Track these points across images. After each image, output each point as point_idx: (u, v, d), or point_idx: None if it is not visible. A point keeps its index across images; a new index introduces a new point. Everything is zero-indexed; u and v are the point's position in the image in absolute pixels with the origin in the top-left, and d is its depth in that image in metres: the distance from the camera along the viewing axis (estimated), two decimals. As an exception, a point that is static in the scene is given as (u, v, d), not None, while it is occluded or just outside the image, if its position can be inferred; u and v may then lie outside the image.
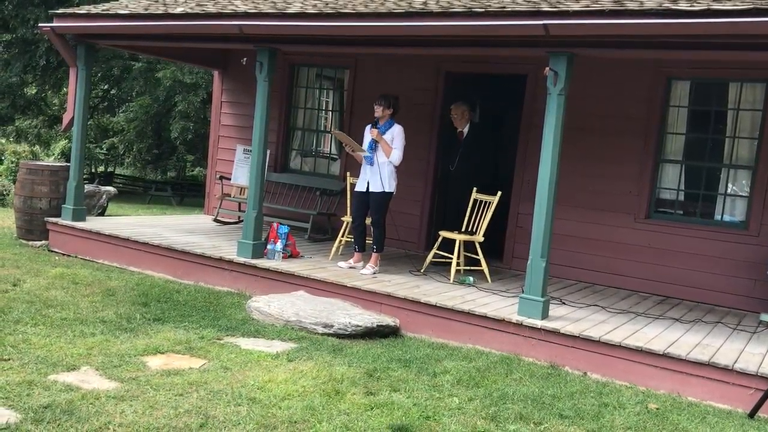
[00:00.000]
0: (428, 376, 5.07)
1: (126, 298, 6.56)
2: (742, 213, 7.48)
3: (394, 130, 7.23)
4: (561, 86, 5.82)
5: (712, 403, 5.08)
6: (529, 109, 8.38)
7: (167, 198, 18.48)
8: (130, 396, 4.18)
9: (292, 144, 10.45)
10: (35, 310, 5.83)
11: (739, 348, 5.58)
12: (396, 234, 8.35)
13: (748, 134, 7.44)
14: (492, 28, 5.94)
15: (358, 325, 5.99)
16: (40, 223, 8.82)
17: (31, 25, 15.09)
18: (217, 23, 7.30)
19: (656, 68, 7.61)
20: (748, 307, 7.19)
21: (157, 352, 5.07)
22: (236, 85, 10.61)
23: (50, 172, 8.94)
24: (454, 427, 4.14)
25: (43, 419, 3.73)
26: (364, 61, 9.47)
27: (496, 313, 5.98)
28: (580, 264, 8.09)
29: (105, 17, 8.16)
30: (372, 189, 7.26)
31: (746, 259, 7.27)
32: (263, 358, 5.12)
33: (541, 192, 5.96)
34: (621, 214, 7.89)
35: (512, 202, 8.52)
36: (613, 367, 5.48)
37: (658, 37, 5.51)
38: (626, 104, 7.83)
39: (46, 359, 4.67)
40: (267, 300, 6.44)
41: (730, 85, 7.52)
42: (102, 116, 22.80)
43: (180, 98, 16.42)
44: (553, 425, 4.32)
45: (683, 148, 7.78)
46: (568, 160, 7.78)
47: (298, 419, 4.05)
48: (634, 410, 4.72)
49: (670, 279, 7.62)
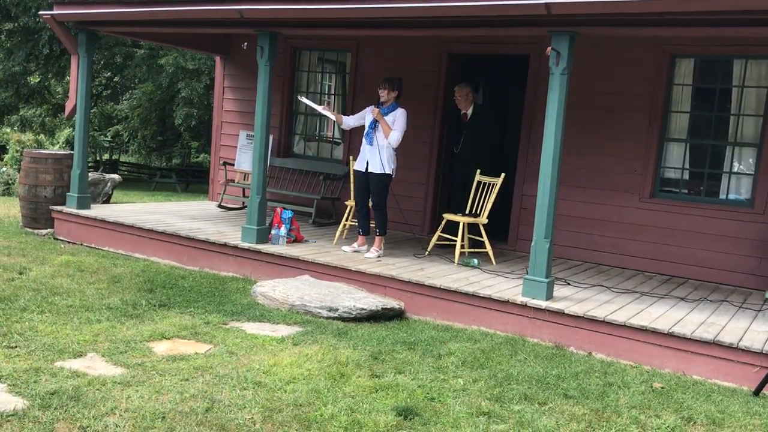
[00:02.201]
0: (433, 358, 5.09)
1: (131, 284, 6.59)
2: (747, 191, 7.44)
3: (397, 112, 7.20)
4: (564, 66, 5.78)
5: (717, 382, 5.08)
6: (533, 90, 8.33)
7: (172, 185, 18.49)
8: (137, 381, 4.20)
9: (295, 129, 10.43)
10: (41, 297, 5.87)
11: (744, 326, 5.57)
12: (402, 217, 8.34)
13: (753, 111, 7.38)
14: (493, 8, 5.88)
15: (363, 308, 6.00)
16: (45, 211, 8.84)
17: (33, 13, 15.05)
18: (217, 8, 7.26)
19: (660, 46, 7.54)
20: (754, 285, 7.18)
21: (162, 338, 5.09)
22: (238, 71, 10.57)
23: (54, 161, 8.95)
24: (458, 408, 4.16)
25: (50, 405, 3.76)
26: (366, 43, 9.42)
27: (500, 295, 5.98)
28: (584, 244, 8.07)
29: (105, 3, 8.12)
30: (371, 169, 7.25)
31: (752, 237, 7.25)
32: (268, 342, 5.14)
33: (545, 172, 5.93)
34: (626, 193, 7.86)
35: (516, 183, 8.50)
36: (617, 347, 5.48)
37: (662, 14, 5.44)
38: (630, 82, 7.78)
39: (53, 346, 4.70)
40: (272, 285, 6.46)
41: (735, 62, 7.45)
42: (106, 104, 22.79)
43: (183, 84, 16.38)
44: (557, 405, 4.33)
45: (688, 127, 7.72)
46: (571, 140, 7.76)
47: (304, 402, 4.07)
48: (639, 389, 4.72)
49: (675, 258, 7.60)
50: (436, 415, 4.05)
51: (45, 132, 19.84)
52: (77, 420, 3.63)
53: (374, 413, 3.98)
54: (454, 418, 4.03)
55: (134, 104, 19.66)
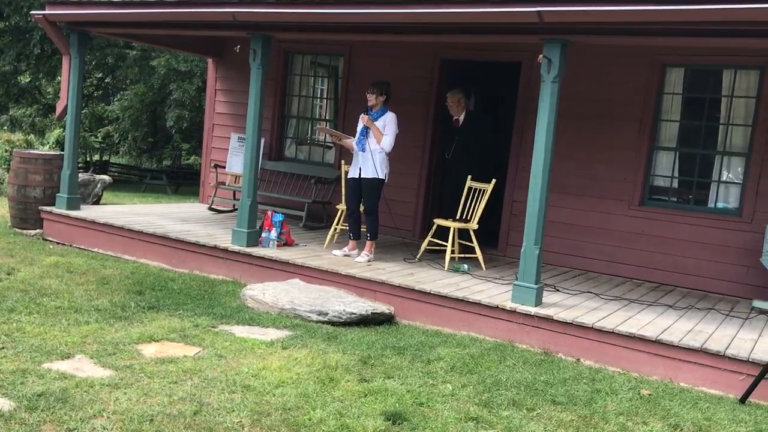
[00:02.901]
0: (422, 362, 5.09)
1: (120, 286, 6.56)
2: (735, 200, 7.50)
3: (387, 117, 7.22)
4: (555, 73, 5.81)
5: (704, 389, 5.11)
6: (524, 96, 8.37)
7: (162, 186, 18.41)
8: (125, 384, 4.19)
9: (287, 132, 10.42)
10: (29, 298, 5.84)
11: (731, 334, 5.61)
12: (392, 222, 8.35)
13: (742, 121, 7.44)
14: (486, 15, 5.91)
15: (353, 312, 6.00)
16: (34, 211, 8.79)
17: (25, 12, 14.97)
18: (210, 10, 7.26)
19: (651, 55, 7.60)
20: (741, 294, 7.23)
21: (151, 340, 5.07)
22: (231, 73, 10.56)
23: (44, 161, 8.91)
24: (447, 414, 4.17)
25: (37, 407, 3.74)
26: (360, 48, 9.44)
27: (490, 300, 6.00)
28: (574, 251, 8.11)
29: (97, 4, 8.10)
30: (364, 175, 7.26)
31: (739, 245, 7.30)
32: (258, 346, 5.14)
33: (535, 179, 5.96)
34: (615, 201, 7.91)
35: (507, 189, 8.53)
36: (606, 354, 5.50)
37: (653, 24, 5.49)
38: (621, 91, 7.83)
39: (41, 348, 4.68)
40: (262, 288, 6.45)
41: (725, 72, 7.52)
42: (97, 105, 22.68)
43: (175, 86, 16.33)
44: (545, 411, 4.34)
45: (677, 135, 7.78)
46: (562, 147, 7.80)
47: (292, 406, 4.07)
48: (627, 396, 4.75)
49: (664, 266, 7.64)
50: (425, 420, 4.06)
51: (35, 132, 19.74)
52: (64, 422, 3.61)
53: (363, 418, 3.98)
54: (442, 423, 4.04)
55: (125, 105, 19.57)
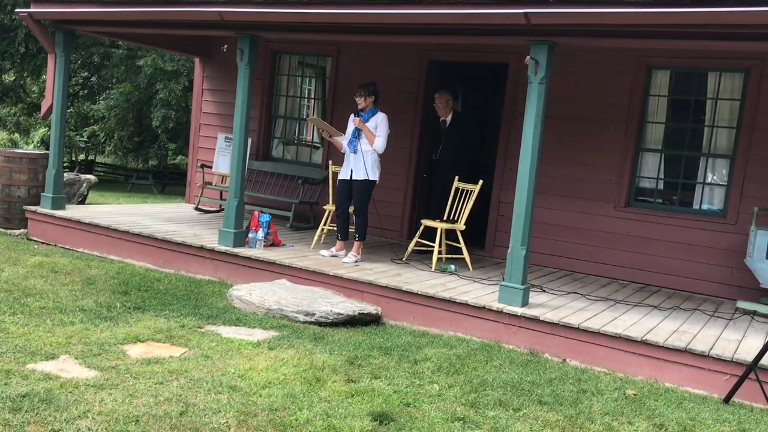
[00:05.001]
0: (409, 363, 5.10)
1: (106, 286, 6.51)
2: (720, 201, 7.56)
3: (378, 117, 7.21)
4: (542, 75, 5.84)
5: (688, 389, 5.15)
6: (511, 98, 8.41)
7: (148, 186, 18.34)
8: (110, 384, 4.16)
9: (274, 132, 10.40)
10: (14, 299, 5.78)
11: (716, 334, 5.66)
12: (379, 222, 8.35)
13: (726, 123, 7.51)
14: (474, 17, 5.93)
15: (340, 313, 6.00)
16: (18, 211, 8.72)
17: (9, 10, 14.84)
18: (197, 9, 7.23)
19: (637, 57, 7.65)
20: (726, 295, 7.29)
21: (137, 341, 5.04)
22: (217, 73, 10.53)
23: (29, 160, 8.84)
24: (434, 414, 4.17)
25: (21, 408, 3.70)
26: (347, 48, 9.43)
27: (476, 301, 6.01)
28: (560, 252, 8.15)
29: (83, 3, 8.04)
30: (355, 177, 7.26)
31: (724, 247, 7.36)
32: (244, 347, 5.12)
33: (522, 180, 5.98)
34: (601, 202, 7.95)
35: (494, 190, 8.55)
36: (591, 354, 5.53)
37: (640, 26, 5.52)
38: (607, 93, 7.87)
39: (25, 348, 4.64)
40: (248, 288, 6.43)
41: (710, 74, 7.58)
42: (82, 104, 22.54)
43: (161, 86, 16.27)
44: (532, 411, 4.36)
45: (663, 137, 7.84)
46: (549, 148, 7.83)
47: (279, 407, 4.06)
48: (612, 396, 4.77)
49: (649, 267, 7.70)
50: (412, 420, 4.06)
51: (20, 131, 19.59)
52: (49, 423, 3.58)
53: (350, 418, 3.98)
54: (429, 423, 4.04)
55: (111, 104, 19.48)
